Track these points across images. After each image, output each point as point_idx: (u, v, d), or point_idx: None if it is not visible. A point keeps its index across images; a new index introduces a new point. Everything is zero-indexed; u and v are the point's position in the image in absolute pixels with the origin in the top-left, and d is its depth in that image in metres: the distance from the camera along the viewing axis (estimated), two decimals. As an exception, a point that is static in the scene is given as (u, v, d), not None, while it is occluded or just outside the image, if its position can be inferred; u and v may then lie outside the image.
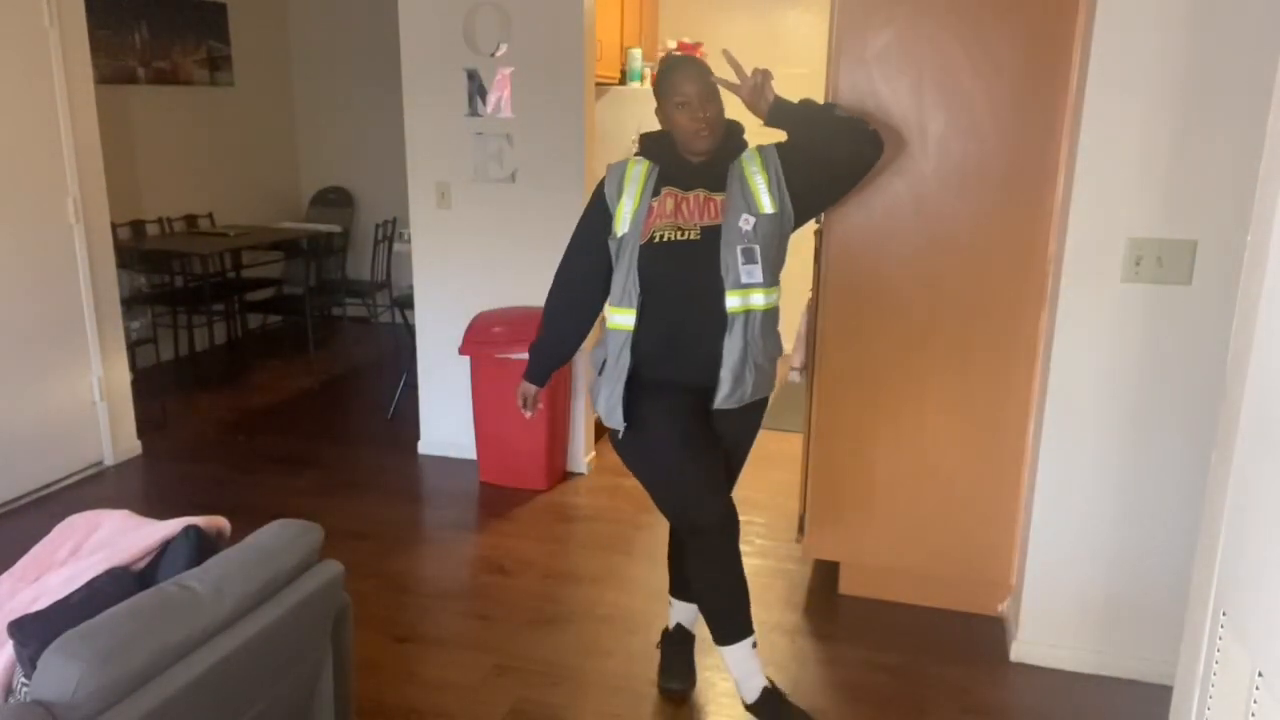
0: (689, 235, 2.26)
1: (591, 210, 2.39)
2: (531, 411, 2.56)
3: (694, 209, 2.28)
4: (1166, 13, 2.29)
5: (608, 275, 2.35)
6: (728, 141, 2.33)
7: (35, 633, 1.55)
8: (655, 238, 2.26)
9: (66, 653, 1.39)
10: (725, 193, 2.30)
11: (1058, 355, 2.56)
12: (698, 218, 2.27)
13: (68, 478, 4.00)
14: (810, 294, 3.04)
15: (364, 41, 6.37)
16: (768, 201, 2.29)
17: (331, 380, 5.55)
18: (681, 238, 2.25)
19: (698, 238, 2.26)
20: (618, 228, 2.30)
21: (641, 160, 2.36)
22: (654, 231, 2.26)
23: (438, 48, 3.91)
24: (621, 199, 2.31)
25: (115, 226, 4.28)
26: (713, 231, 2.26)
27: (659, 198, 2.29)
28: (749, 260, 2.25)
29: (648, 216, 2.28)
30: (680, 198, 2.29)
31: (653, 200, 2.29)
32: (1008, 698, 2.63)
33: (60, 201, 3.86)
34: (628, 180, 2.32)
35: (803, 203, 2.34)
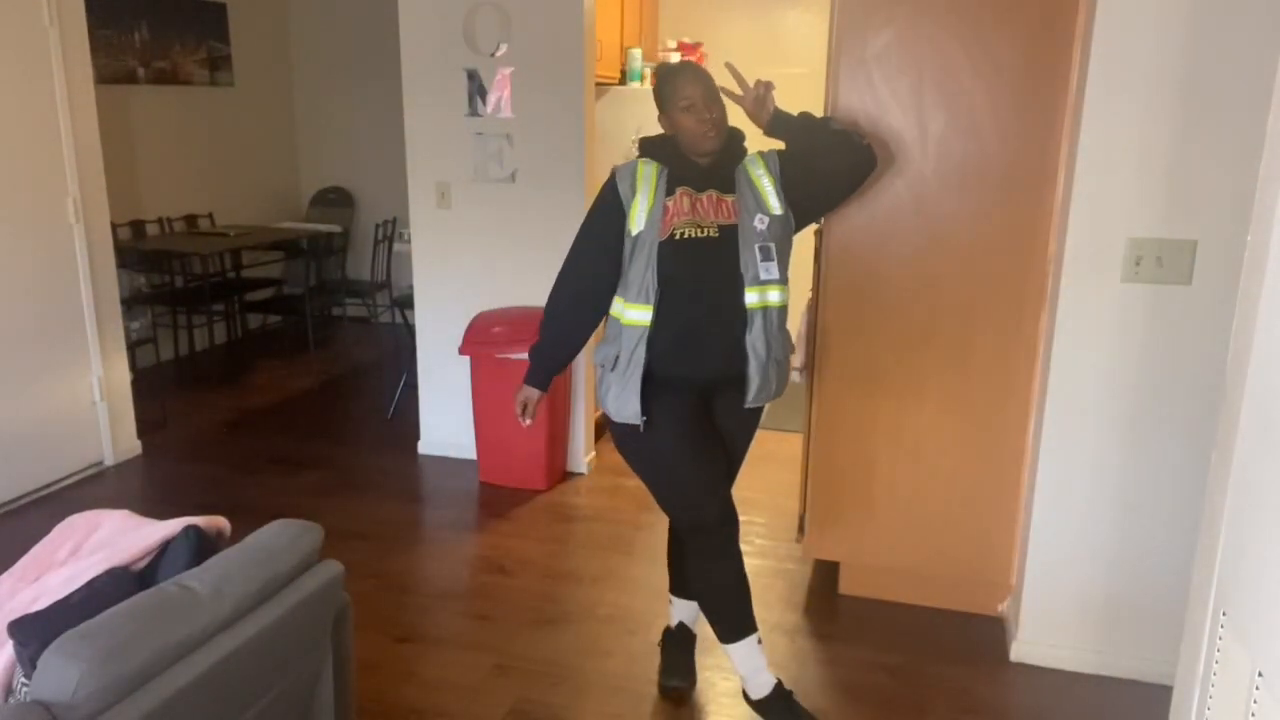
0: (708, 233, 2.28)
1: (603, 208, 2.37)
2: (530, 420, 2.48)
3: (709, 208, 2.31)
4: (1166, 13, 2.29)
5: (616, 274, 2.35)
6: (731, 145, 2.36)
7: (35, 633, 1.55)
8: (676, 234, 2.27)
9: (66, 653, 1.39)
10: (735, 194, 2.33)
11: (1058, 355, 2.56)
12: (714, 216, 2.30)
13: (68, 478, 4.00)
14: (810, 294, 3.05)
15: (364, 41, 6.37)
16: (775, 204, 2.33)
17: (331, 380, 5.55)
18: (701, 235, 2.28)
19: (716, 235, 2.29)
20: (633, 226, 2.30)
21: (649, 161, 2.36)
22: (674, 229, 2.28)
23: (438, 48, 3.92)
24: (636, 197, 2.31)
25: (115, 226, 4.28)
26: (730, 230, 2.29)
27: (674, 197, 2.30)
28: (766, 258, 2.30)
29: (664, 215, 2.29)
30: (695, 197, 2.31)
31: (667, 199, 2.30)
32: (1008, 698, 2.63)
33: (60, 201, 3.86)
34: (640, 180, 2.33)
35: (799, 210, 2.40)
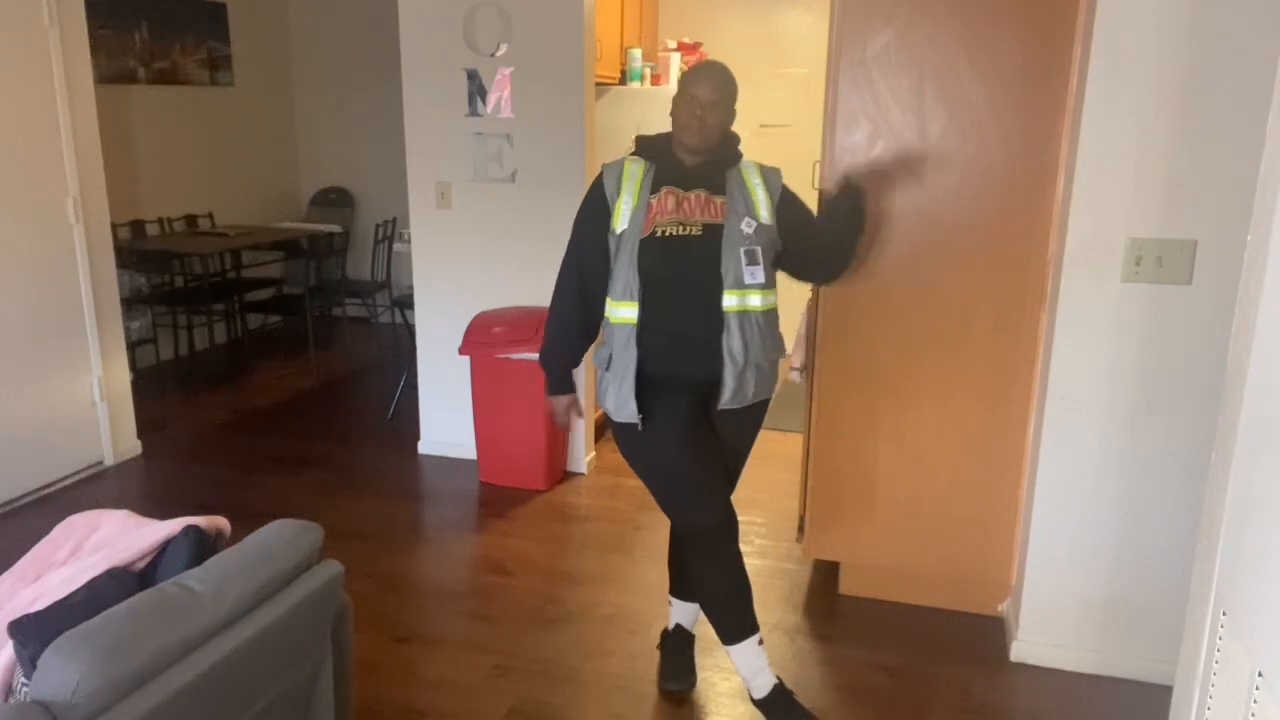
0: (691, 230, 2.28)
1: (590, 206, 2.39)
2: (571, 424, 2.56)
3: (695, 206, 2.30)
4: (1166, 13, 2.29)
5: (608, 269, 2.35)
6: (724, 147, 2.36)
7: (35, 633, 1.55)
8: (657, 232, 2.28)
9: (66, 653, 1.39)
10: (725, 196, 2.32)
11: (1057, 355, 2.56)
12: (700, 215, 2.30)
13: (68, 478, 4.00)
14: (810, 294, 3.05)
15: (364, 41, 6.37)
16: (765, 213, 2.33)
17: (331, 380, 5.55)
18: (683, 233, 2.28)
19: (699, 233, 2.28)
20: (616, 224, 2.31)
21: (638, 160, 2.37)
22: (656, 227, 2.28)
23: (438, 48, 3.92)
24: (621, 195, 2.32)
25: (115, 226, 4.29)
26: (714, 229, 2.28)
27: (658, 195, 2.31)
28: (751, 262, 2.28)
29: (648, 213, 2.29)
30: (681, 196, 2.31)
31: (651, 198, 2.30)
32: (1008, 698, 2.63)
33: (60, 201, 3.86)
34: (626, 178, 2.34)
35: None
